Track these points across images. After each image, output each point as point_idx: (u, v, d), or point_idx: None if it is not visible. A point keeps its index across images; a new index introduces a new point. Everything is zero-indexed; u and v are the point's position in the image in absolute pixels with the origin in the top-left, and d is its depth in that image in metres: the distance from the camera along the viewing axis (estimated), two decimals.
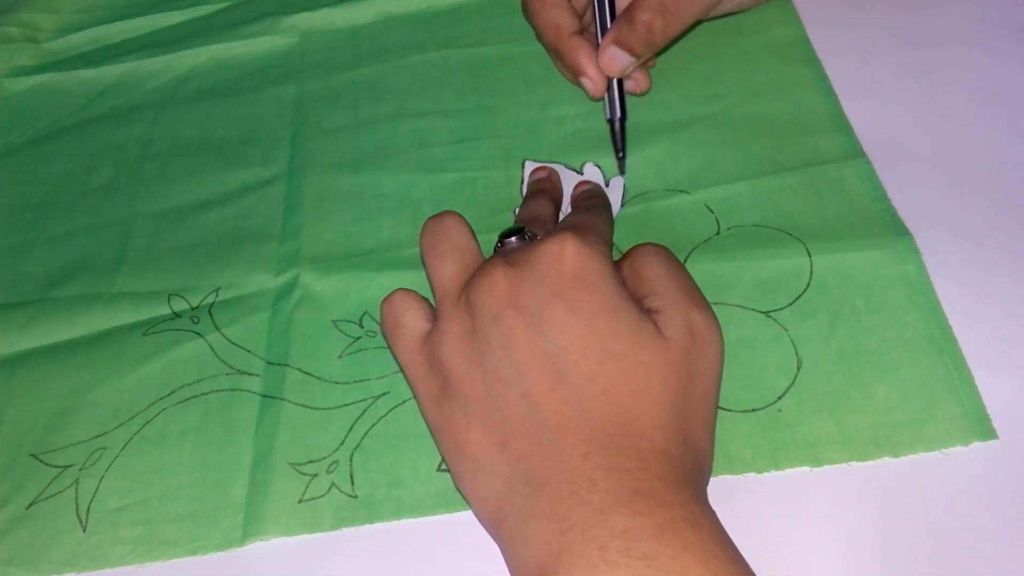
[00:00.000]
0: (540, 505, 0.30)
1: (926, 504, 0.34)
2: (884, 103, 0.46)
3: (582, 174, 0.45)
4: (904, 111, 0.46)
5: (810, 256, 0.40)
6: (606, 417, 0.31)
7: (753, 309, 0.39)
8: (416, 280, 0.42)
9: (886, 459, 0.35)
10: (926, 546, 0.33)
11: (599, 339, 0.32)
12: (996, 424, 0.35)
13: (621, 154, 0.45)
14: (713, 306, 0.39)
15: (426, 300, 0.37)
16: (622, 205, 0.44)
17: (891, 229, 0.41)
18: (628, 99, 0.46)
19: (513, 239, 0.37)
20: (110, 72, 0.56)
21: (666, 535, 0.28)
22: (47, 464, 0.39)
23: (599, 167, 0.45)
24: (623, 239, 0.42)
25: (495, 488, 0.31)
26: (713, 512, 0.30)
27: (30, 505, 0.38)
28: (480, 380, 0.32)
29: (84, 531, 0.37)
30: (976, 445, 0.35)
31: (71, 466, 0.38)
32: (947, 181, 0.43)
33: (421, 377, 0.34)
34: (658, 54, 0.48)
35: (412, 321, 0.35)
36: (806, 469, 0.35)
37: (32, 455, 0.39)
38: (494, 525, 0.31)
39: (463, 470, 0.32)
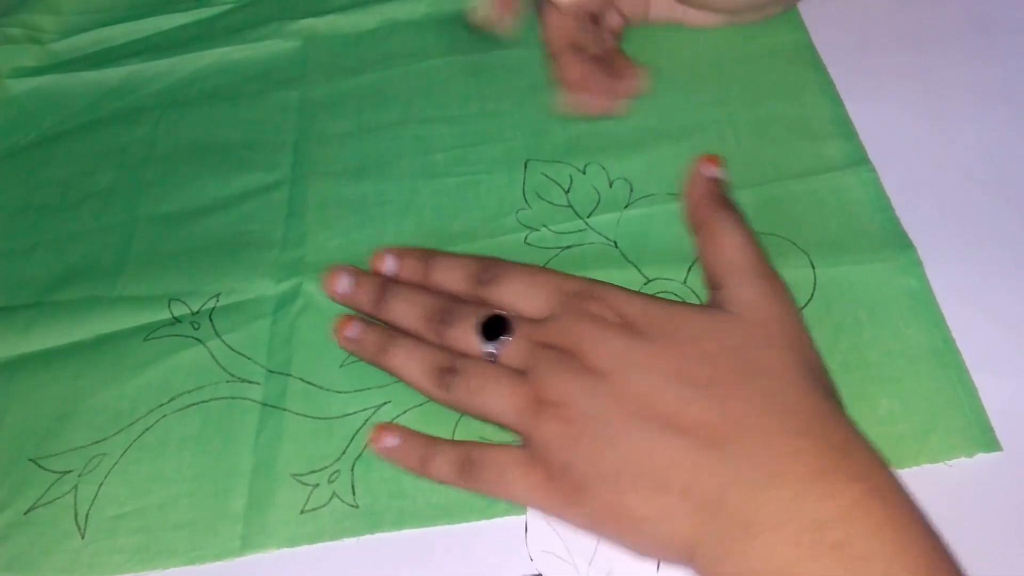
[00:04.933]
0: (724, 521, 0.29)
1: (930, 516, 0.33)
2: (888, 106, 0.46)
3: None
4: (908, 114, 0.46)
5: (813, 268, 0.40)
6: (744, 407, 0.31)
7: None
8: None
9: None
10: None
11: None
12: (1000, 435, 0.35)
13: None
14: None
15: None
16: None
17: (894, 241, 0.41)
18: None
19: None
20: (113, 74, 0.56)
21: (856, 516, 0.28)
22: (46, 469, 0.39)
23: None
24: (628, 242, 0.42)
25: (677, 531, 0.30)
26: (894, 477, 0.30)
27: (28, 511, 0.37)
28: (604, 453, 0.31)
29: (83, 538, 0.36)
30: (980, 456, 0.35)
31: (70, 472, 0.38)
32: (951, 185, 0.43)
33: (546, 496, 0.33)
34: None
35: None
36: None
37: (31, 459, 0.39)
38: (687, 560, 0.30)
39: (638, 538, 0.31)
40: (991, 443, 0.35)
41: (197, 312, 0.43)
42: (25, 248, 0.48)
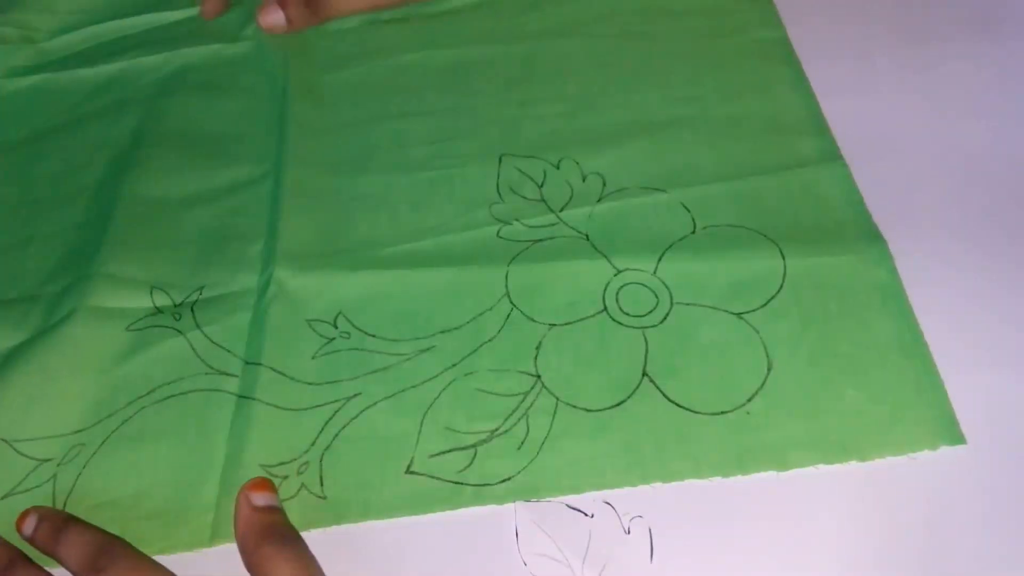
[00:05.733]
0: None
1: (893, 507, 0.34)
2: (861, 102, 0.46)
3: (590, 516, 0.35)
4: (880, 110, 0.46)
5: (784, 259, 0.40)
6: None
7: (725, 310, 0.39)
8: (388, 279, 0.42)
9: (854, 463, 0.35)
10: (892, 549, 0.33)
11: None
12: (965, 429, 0.35)
13: None
14: (686, 307, 0.40)
15: None
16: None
17: (865, 234, 0.41)
18: (602, 97, 0.48)
19: None
20: (105, 71, 0.57)
21: None
22: (24, 455, 0.39)
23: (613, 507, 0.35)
24: (599, 235, 0.43)
25: None
26: None
27: (5, 496, 0.38)
28: None
29: None
30: (944, 449, 0.35)
31: (49, 460, 0.39)
32: (921, 180, 0.43)
33: None
34: None
35: None
36: (772, 473, 0.35)
37: (4, 440, 0.39)
38: None
39: None
40: (955, 436, 0.35)
41: (180, 304, 0.43)
42: (22, 242, 0.48)
